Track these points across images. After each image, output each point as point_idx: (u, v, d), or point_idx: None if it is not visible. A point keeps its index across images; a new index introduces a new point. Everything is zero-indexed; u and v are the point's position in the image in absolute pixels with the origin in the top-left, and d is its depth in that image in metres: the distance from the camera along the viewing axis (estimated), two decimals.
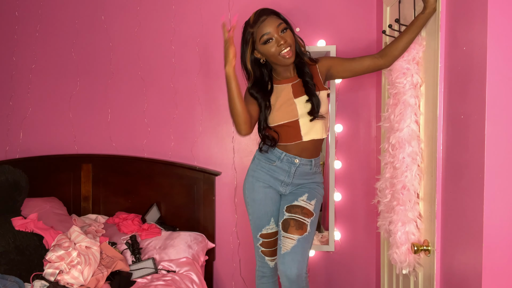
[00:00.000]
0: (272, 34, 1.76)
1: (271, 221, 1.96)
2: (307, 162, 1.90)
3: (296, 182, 1.92)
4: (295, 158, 1.88)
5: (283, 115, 1.85)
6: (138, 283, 2.07)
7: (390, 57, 1.80)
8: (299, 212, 1.85)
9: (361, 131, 2.64)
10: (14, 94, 2.83)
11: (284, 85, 1.89)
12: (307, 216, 1.84)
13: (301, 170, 1.91)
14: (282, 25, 1.77)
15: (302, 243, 1.80)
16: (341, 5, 2.61)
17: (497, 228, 1.24)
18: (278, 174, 1.92)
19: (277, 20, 1.77)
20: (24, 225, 2.08)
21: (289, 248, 1.79)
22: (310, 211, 1.86)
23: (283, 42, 1.76)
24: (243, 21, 1.87)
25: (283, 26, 1.78)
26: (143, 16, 2.73)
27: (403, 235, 1.71)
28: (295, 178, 1.91)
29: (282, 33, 1.77)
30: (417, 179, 1.70)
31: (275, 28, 1.76)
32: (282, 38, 1.76)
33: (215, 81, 2.69)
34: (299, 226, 1.82)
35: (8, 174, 2.14)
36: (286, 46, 1.77)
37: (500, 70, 1.22)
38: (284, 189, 1.93)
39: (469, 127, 1.33)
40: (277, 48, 1.77)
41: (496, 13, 1.22)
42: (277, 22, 1.77)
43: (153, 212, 2.63)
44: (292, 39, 1.80)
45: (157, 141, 2.75)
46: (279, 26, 1.77)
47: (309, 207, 1.86)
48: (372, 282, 2.67)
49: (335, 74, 1.93)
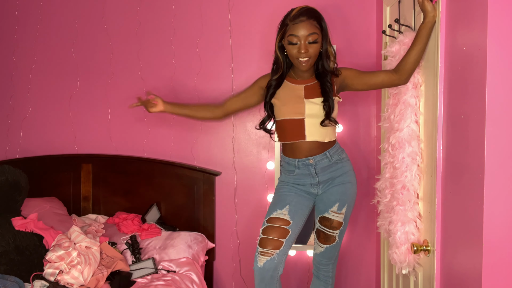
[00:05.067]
0: (300, 39, 1.79)
1: (284, 207, 1.90)
2: (322, 156, 1.91)
3: (325, 179, 1.93)
4: (308, 159, 1.91)
5: (290, 111, 1.89)
6: (138, 283, 2.07)
7: (403, 71, 1.77)
8: (329, 226, 1.95)
9: (361, 131, 2.64)
10: (14, 94, 2.82)
11: (297, 85, 1.91)
12: (335, 229, 1.95)
13: (321, 166, 1.91)
14: (313, 36, 1.79)
15: (330, 250, 1.99)
16: (341, 5, 2.61)
17: (497, 228, 1.24)
18: (304, 180, 1.94)
19: (311, 29, 1.79)
20: (24, 225, 2.08)
21: (318, 252, 2.02)
22: (339, 222, 1.94)
23: (304, 51, 1.79)
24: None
25: (314, 38, 1.79)
26: (143, 16, 2.72)
27: (402, 235, 1.72)
28: (321, 176, 1.92)
29: (308, 43, 1.79)
30: (417, 179, 1.70)
31: (305, 35, 1.78)
32: (305, 47, 1.79)
33: (215, 81, 2.69)
34: (327, 239, 1.97)
35: (8, 174, 2.14)
36: (305, 56, 1.80)
37: (500, 70, 1.22)
38: (316, 189, 1.95)
39: (469, 127, 1.33)
40: (297, 53, 1.80)
41: (496, 13, 1.22)
42: (310, 31, 1.78)
43: (153, 212, 2.63)
44: (316, 53, 1.82)
45: (157, 141, 2.75)
46: (310, 36, 1.78)
47: (338, 219, 1.93)
48: (372, 282, 2.67)
49: (350, 85, 1.93)
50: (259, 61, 2.64)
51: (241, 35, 2.67)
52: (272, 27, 2.61)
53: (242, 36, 2.67)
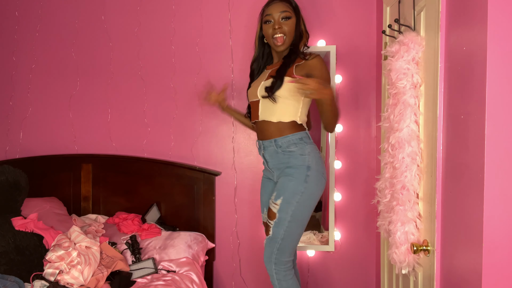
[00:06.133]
0: (273, 16, 1.87)
1: (263, 212, 2.07)
2: (269, 143, 1.92)
3: (275, 167, 1.93)
4: (258, 142, 1.98)
5: (250, 94, 2.00)
6: (138, 283, 2.07)
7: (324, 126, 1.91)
8: (267, 215, 1.97)
9: (361, 131, 2.64)
10: (14, 94, 2.83)
11: (267, 70, 1.99)
12: (270, 219, 1.89)
13: (269, 152, 1.93)
14: (286, 13, 1.87)
15: (267, 244, 1.89)
16: (341, 5, 2.61)
17: (497, 228, 1.24)
18: (264, 164, 2.02)
19: (284, 7, 1.87)
20: (24, 225, 2.08)
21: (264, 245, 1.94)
22: (273, 213, 1.87)
23: (278, 27, 1.86)
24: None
25: (287, 15, 1.87)
26: (143, 16, 2.73)
27: (402, 235, 1.71)
28: (270, 162, 1.94)
29: (282, 20, 1.86)
30: (416, 179, 1.70)
31: (278, 12, 1.87)
32: (279, 24, 1.86)
33: (215, 81, 2.68)
34: (266, 229, 1.97)
35: (8, 174, 2.14)
36: (279, 32, 1.86)
37: (500, 70, 1.22)
38: (272, 175, 1.98)
39: (469, 127, 1.33)
40: (272, 31, 1.88)
41: (496, 13, 1.22)
42: (282, 8, 1.87)
43: (153, 212, 2.63)
44: (290, 29, 1.88)
45: (157, 141, 2.75)
46: (283, 13, 1.87)
47: (273, 209, 1.87)
48: (372, 282, 2.67)
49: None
50: None
51: (241, 35, 2.67)
52: None
53: (242, 36, 2.67)
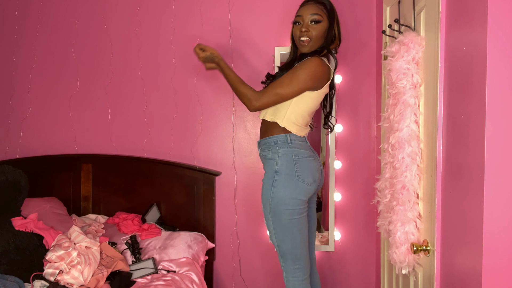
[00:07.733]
0: (303, 18, 1.82)
1: None
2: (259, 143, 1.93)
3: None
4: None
5: None
6: (138, 283, 2.07)
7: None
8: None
9: (361, 131, 2.64)
10: (14, 94, 2.83)
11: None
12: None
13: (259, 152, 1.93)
14: (316, 17, 1.81)
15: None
16: (341, 5, 2.61)
17: (497, 228, 1.24)
18: None
19: (316, 9, 1.81)
20: (24, 225, 2.08)
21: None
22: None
23: (305, 29, 1.80)
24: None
25: (317, 18, 1.81)
26: (143, 16, 2.73)
27: (402, 235, 1.71)
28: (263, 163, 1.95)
29: (311, 23, 1.81)
30: (416, 179, 1.70)
31: (308, 14, 1.81)
32: (307, 27, 1.81)
33: (215, 81, 2.69)
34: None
35: (8, 174, 2.14)
36: (306, 35, 1.81)
37: (500, 70, 1.22)
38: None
39: (469, 127, 1.33)
40: (300, 33, 1.83)
41: (496, 13, 1.21)
42: (314, 11, 1.81)
43: (153, 212, 2.63)
44: (318, 34, 1.82)
45: (157, 141, 2.75)
46: (313, 16, 1.81)
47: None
48: (372, 282, 2.67)
49: None
50: (259, 61, 2.64)
51: (241, 35, 2.67)
52: (272, 27, 2.61)
53: (242, 36, 2.67)
